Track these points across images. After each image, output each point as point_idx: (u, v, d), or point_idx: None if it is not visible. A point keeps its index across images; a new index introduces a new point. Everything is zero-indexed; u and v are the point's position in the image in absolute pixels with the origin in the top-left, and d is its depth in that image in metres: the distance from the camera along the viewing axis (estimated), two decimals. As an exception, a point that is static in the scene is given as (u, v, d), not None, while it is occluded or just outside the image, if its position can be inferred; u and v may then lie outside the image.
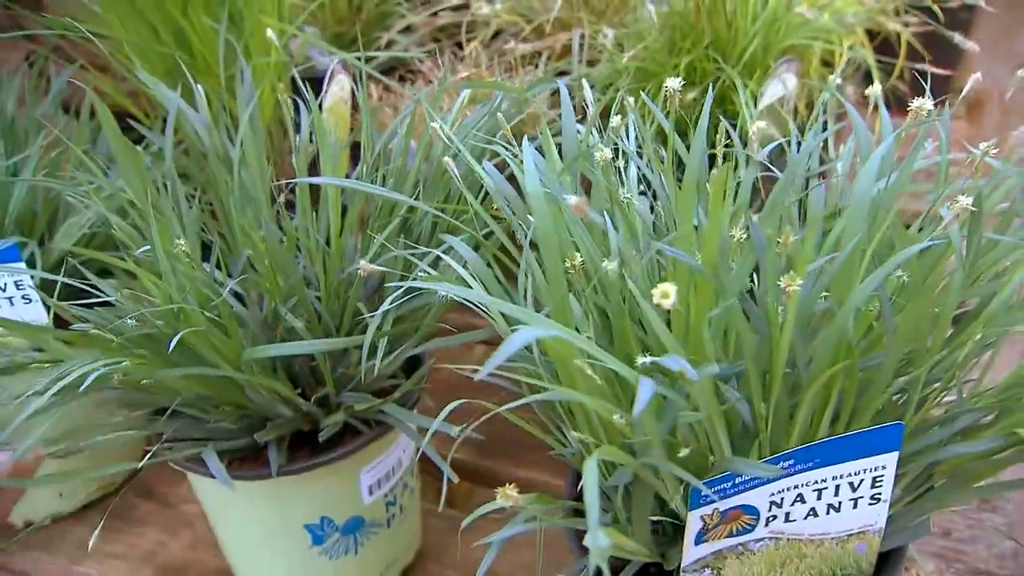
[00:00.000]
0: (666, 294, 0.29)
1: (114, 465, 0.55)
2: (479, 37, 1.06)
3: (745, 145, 0.53)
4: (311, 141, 0.63)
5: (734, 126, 0.78)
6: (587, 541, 0.28)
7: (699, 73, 0.80)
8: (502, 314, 0.45)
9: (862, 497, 0.44)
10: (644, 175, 0.52)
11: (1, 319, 0.49)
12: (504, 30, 1.10)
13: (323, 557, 0.62)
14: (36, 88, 0.82)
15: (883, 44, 1.07)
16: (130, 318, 0.46)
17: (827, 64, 0.98)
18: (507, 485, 0.34)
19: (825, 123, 0.56)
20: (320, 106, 0.75)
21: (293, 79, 0.75)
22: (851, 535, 0.45)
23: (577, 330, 0.41)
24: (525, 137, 0.39)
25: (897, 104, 0.95)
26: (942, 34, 1.02)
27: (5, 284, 0.66)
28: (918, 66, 0.99)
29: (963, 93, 0.55)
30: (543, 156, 0.49)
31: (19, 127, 0.77)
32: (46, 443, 0.54)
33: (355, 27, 1.21)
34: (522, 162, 0.44)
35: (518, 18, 1.08)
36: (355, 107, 1.00)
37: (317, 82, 0.75)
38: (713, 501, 0.40)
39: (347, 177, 0.74)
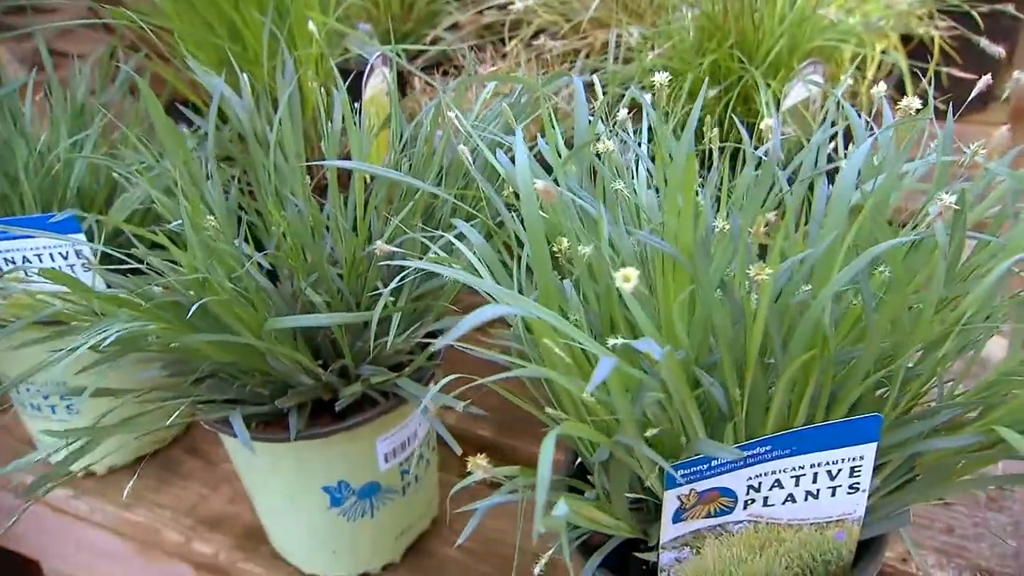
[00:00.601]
0: (627, 277, 0.29)
1: (153, 421, 0.57)
2: (521, 35, 1.06)
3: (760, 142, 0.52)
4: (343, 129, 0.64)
5: (752, 125, 0.76)
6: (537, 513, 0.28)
7: (723, 72, 0.78)
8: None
9: (840, 486, 0.42)
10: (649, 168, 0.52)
11: (54, 271, 0.51)
12: (546, 29, 1.10)
13: (341, 518, 0.63)
14: (106, 76, 0.85)
15: (920, 49, 1.03)
16: (156, 285, 0.47)
17: (860, 68, 0.95)
18: (479, 455, 0.34)
19: (834, 122, 0.54)
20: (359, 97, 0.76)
21: (344, 72, 0.76)
22: (830, 522, 0.44)
23: (564, 312, 0.41)
24: (519, 128, 0.39)
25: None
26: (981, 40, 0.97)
27: (67, 252, 0.69)
28: (959, 73, 0.94)
29: (972, 95, 0.53)
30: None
31: (88, 112, 0.79)
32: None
33: (407, 24, 1.22)
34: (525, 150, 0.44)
35: (558, 17, 1.08)
36: (403, 96, 1.01)
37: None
38: (689, 481, 0.40)
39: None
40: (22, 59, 1.13)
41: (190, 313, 0.45)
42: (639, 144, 0.53)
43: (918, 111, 0.41)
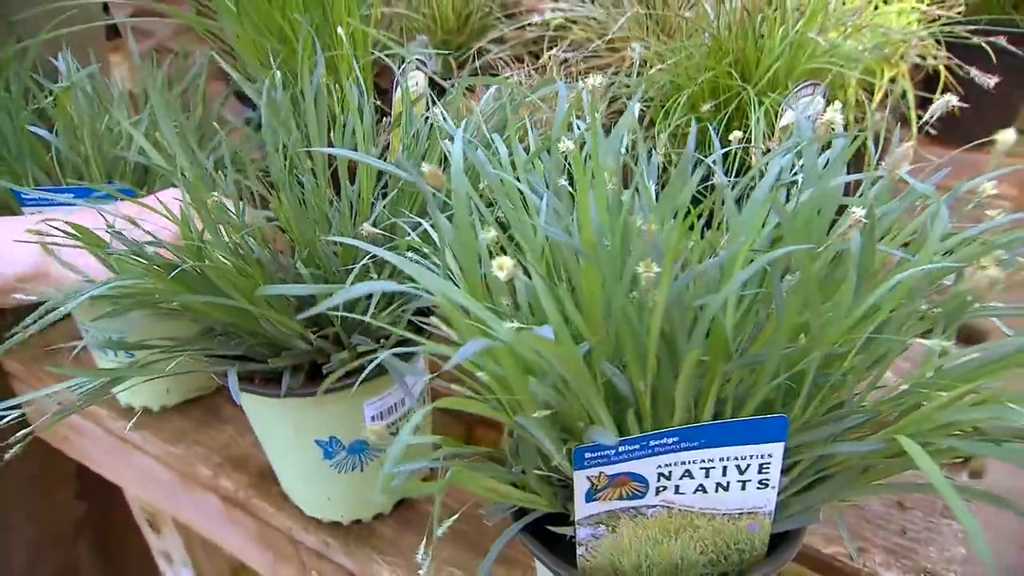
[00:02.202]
0: (501, 266, 0.27)
1: (163, 368, 0.58)
2: (555, 49, 1.04)
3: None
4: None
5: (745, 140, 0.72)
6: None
7: (722, 88, 0.74)
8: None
9: (750, 480, 0.39)
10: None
11: (83, 229, 0.51)
12: (582, 45, 1.07)
13: (333, 470, 0.63)
14: (182, 71, 0.87)
15: (935, 80, 0.95)
16: (151, 248, 0.48)
17: (869, 92, 0.89)
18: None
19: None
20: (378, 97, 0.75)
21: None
22: (742, 514, 0.41)
23: (491, 298, 0.39)
24: (461, 125, 0.37)
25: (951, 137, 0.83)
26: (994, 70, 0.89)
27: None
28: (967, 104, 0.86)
29: (928, 115, 0.48)
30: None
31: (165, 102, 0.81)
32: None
33: (460, 37, 1.21)
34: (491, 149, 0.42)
35: (592, 34, 1.05)
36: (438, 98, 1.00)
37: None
38: (596, 465, 0.38)
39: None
40: (141, 55, 1.17)
41: (172, 275, 0.45)
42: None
43: (845, 126, 0.37)
